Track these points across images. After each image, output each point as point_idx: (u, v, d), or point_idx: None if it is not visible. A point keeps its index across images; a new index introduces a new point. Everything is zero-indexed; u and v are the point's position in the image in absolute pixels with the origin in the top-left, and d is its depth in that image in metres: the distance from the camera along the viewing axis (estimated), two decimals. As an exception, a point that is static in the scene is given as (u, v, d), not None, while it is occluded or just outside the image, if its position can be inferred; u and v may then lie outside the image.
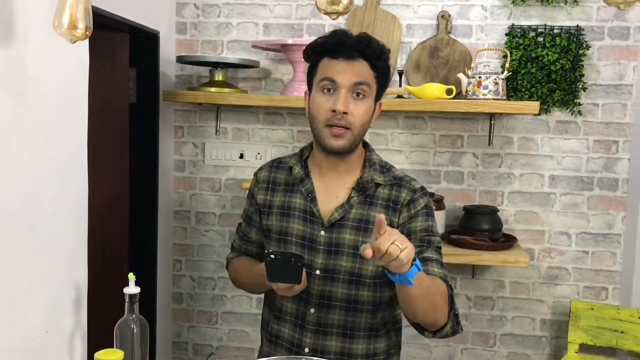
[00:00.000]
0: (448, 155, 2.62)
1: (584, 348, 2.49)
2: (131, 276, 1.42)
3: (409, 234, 1.46)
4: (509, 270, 2.63)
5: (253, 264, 1.58)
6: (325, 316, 1.48)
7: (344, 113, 1.41)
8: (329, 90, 1.44)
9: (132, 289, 1.42)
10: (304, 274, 1.38)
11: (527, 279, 2.63)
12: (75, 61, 1.53)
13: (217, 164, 2.74)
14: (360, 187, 1.49)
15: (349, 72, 1.42)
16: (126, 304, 1.42)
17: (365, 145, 1.57)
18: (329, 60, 1.45)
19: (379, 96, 1.50)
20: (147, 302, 2.53)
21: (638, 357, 2.45)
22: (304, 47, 1.51)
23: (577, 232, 2.58)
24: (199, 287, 2.81)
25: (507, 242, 2.43)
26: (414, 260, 1.24)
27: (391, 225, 1.44)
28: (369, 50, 1.43)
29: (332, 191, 1.52)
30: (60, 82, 1.47)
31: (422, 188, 1.52)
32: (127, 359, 1.38)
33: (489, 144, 2.57)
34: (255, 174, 1.63)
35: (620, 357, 2.52)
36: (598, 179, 2.55)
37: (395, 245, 1.16)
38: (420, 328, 1.44)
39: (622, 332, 2.40)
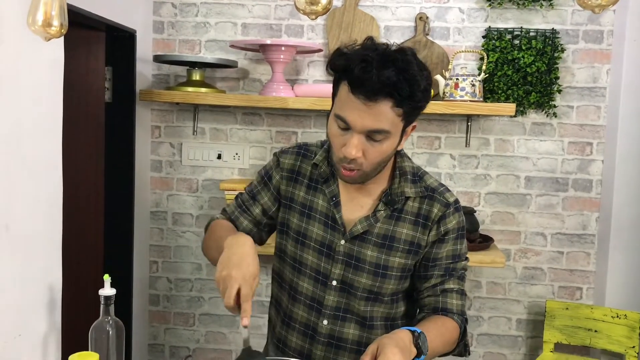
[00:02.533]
0: (425, 156, 2.63)
1: (558, 347, 2.53)
2: (107, 278, 1.40)
3: (433, 260, 1.40)
4: (485, 270, 2.65)
5: (229, 230, 1.44)
6: (339, 329, 1.41)
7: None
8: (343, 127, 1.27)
9: (107, 290, 1.40)
10: None
11: (504, 279, 2.65)
12: (50, 60, 1.51)
13: (194, 164, 2.72)
14: (389, 200, 1.38)
15: (365, 116, 1.22)
16: (101, 306, 1.40)
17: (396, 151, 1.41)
18: (347, 93, 1.23)
19: (409, 124, 1.31)
20: (123, 304, 2.50)
21: (611, 355, 2.49)
22: (330, 56, 1.29)
23: (552, 233, 2.62)
24: (175, 289, 2.78)
25: (484, 242, 2.45)
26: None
27: (418, 243, 1.38)
28: (394, 92, 1.20)
29: (356, 199, 1.40)
30: (35, 81, 1.45)
31: (456, 202, 1.41)
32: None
33: (466, 145, 2.59)
34: (278, 157, 1.49)
35: (593, 355, 2.56)
36: (573, 180, 2.59)
37: None
38: None
39: (595, 331, 2.44)
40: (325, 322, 1.42)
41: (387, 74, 1.19)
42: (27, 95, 1.41)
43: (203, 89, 2.46)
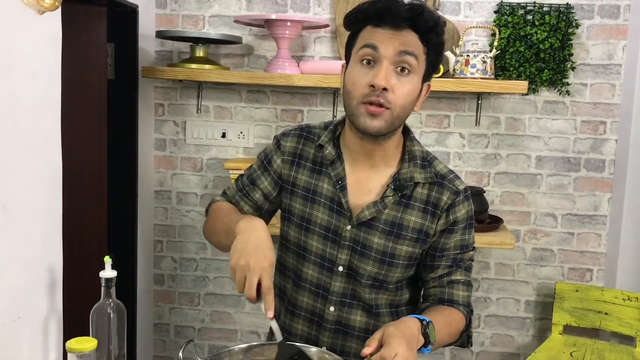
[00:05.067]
0: (434, 135, 2.57)
1: (567, 329, 2.49)
2: (107, 259, 1.37)
3: (441, 250, 1.37)
4: (494, 251, 2.61)
5: (235, 211, 1.41)
6: (346, 316, 1.38)
7: (384, 89, 1.22)
8: (369, 62, 1.24)
9: (108, 272, 1.37)
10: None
11: (512, 261, 2.61)
12: (46, 35, 1.46)
13: (198, 143, 2.68)
14: (397, 185, 1.33)
15: (394, 41, 1.22)
16: (102, 289, 1.37)
17: (406, 131, 1.38)
18: (372, 29, 1.24)
19: (428, 76, 1.30)
20: (127, 284, 2.49)
21: (621, 337, 2.46)
22: (346, 13, 1.31)
23: (562, 214, 2.57)
24: (180, 269, 2.76)
25: (493, 223, 2.40)
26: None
27: (427, 232, 1.35)
28: (420, 20, 1.22)
29: (364, 183, 1.36)
30: (32, 57, 1.40)
31: (466, 190, 1.38)
32: (103, 345, 1.34)
33: (476, 124, 2.53)
34: (278, 140, 1.44)
35: (603, 338, 2.52)
36: (585, 160, 2.53)
37: None
38: None
39: (605, 313, 2.40)
40: (332, 308, 1.38)
41: (411, 4, 1.24)
42: (23, 72, 1.37)
43: (207, 66, 2.41)
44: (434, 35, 1.25)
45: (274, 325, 1.17)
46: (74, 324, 1.53)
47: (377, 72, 1.22)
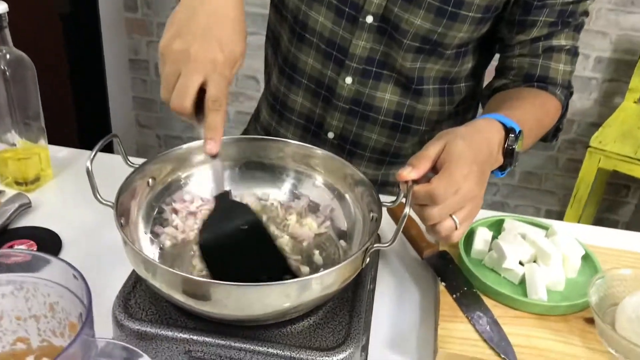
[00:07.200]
0: None
1: (644, 97, 1.99)
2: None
3: (541, 6, 0.85)
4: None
5: None
6: (370, 93, 0.93)
7: None
8: None
9: (-3, 6, 0.84)
10: None
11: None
12: None
13: None
14: None
15: None
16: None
17: None
18: None
19: None
20: (87, 13, 1.94)
21: None
22: None
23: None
24: (156, -9, 2.16)
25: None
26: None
27: None
28: None
29: None
30: None
31: None
32: (2, 113, 0.88)
33: None
34: None
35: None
36: None
37: (452, 221, 0.62)
38: None
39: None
40: (348, 79, 0.93)
41: None
42: None
43: None
44: None
45: (217, 168, 0.65)
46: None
47: None
